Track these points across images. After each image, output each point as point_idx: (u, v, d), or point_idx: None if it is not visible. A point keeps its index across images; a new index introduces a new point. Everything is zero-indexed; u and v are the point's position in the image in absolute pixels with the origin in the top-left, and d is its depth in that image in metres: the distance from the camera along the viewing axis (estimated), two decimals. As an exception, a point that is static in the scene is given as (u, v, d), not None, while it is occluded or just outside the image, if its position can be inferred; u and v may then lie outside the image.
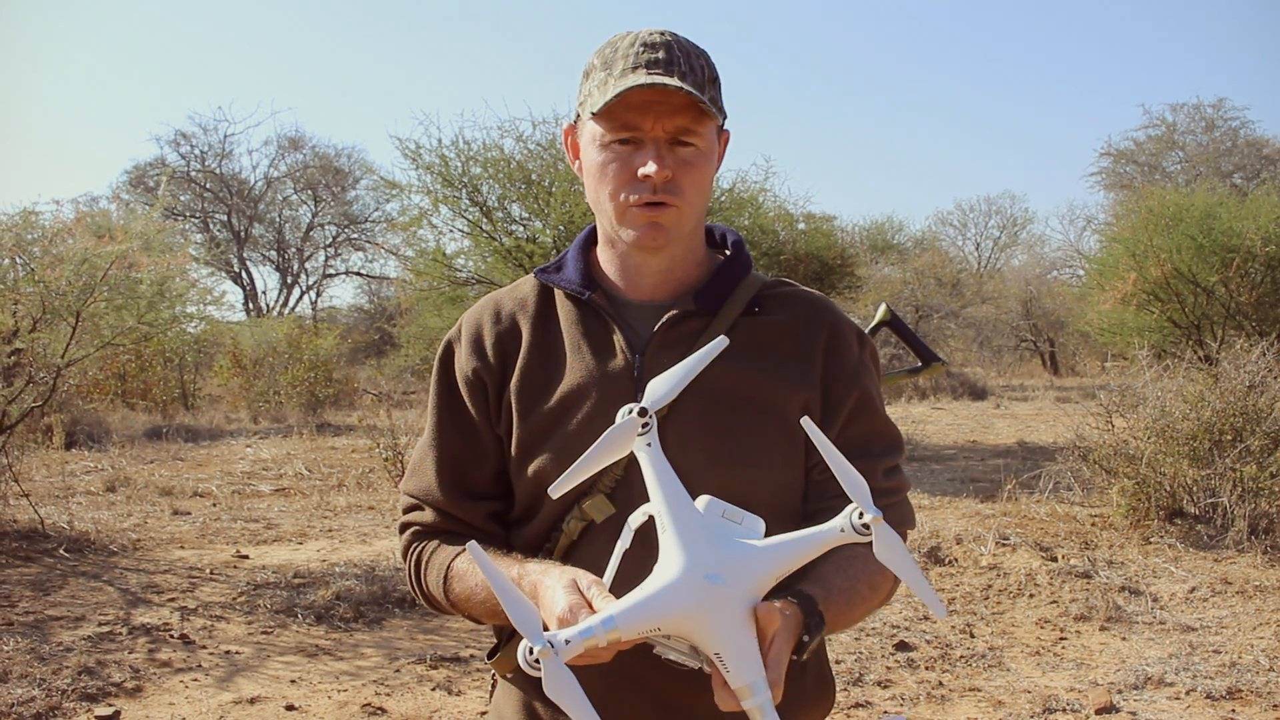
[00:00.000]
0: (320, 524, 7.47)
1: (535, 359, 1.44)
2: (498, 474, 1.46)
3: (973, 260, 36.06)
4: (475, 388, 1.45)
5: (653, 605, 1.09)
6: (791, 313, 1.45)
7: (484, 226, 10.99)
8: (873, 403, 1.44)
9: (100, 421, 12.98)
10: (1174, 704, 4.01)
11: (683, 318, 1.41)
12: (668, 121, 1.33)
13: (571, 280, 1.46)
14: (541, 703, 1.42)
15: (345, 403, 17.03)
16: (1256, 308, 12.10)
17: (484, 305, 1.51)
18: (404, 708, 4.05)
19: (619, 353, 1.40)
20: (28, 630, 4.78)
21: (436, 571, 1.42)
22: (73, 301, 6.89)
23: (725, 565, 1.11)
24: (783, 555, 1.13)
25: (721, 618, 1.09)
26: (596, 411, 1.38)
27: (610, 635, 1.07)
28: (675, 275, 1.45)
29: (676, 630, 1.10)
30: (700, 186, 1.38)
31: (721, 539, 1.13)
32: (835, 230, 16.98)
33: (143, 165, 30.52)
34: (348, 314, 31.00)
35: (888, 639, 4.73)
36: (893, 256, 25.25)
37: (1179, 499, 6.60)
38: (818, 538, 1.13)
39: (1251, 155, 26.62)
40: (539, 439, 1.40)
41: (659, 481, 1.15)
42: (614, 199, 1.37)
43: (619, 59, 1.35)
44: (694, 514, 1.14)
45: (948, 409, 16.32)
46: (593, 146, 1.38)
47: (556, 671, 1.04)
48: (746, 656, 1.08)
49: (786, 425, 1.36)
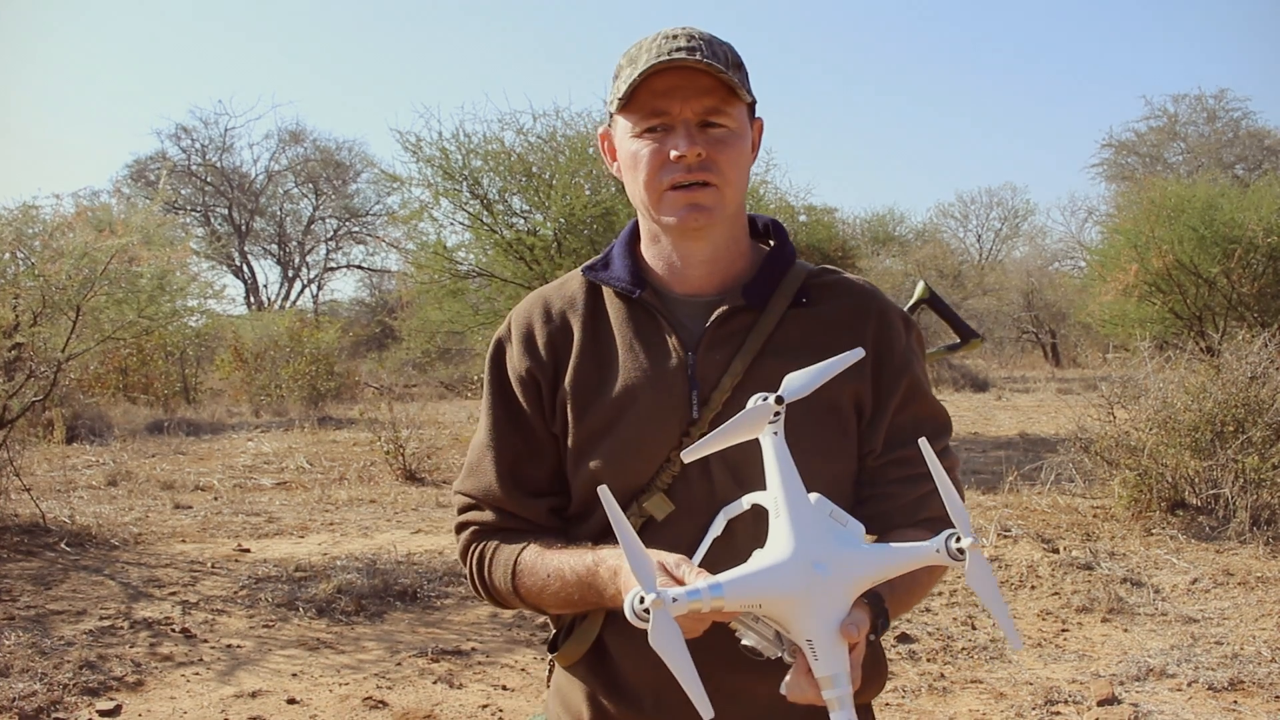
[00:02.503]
0: (322, 517, 7.48)
1: (588, 358, 1.44)
2: (555, 471, 1.46)
3: (974, 252, 36.04)
4: (529, 386, 1.46)
5: (761, 580, 1.11)
6: (838, 303, 1.46)
7: (485, 219, 10.97)
8: (921, 386, 1.46)
9: (101, 415, 12.98)
10: (1176, 695, 4.01)
11: (732, 313, 1.42)
12: (695, 103, 1.34)
13: (621, 278, 1.46)
14: (606, 694, 1.43)
15: (347, 396, 17.04)
16: (1258, 298, 12.09)
17: (533, 303, 1.51)
18: (405, 701, 4.05)
19: (672, 352, 1.41)
20: (29, 624, 4.79)
21: (503, 568, 1.43)
22: (73, 295, 6.89)
23: (832, 558, 1.14)
24: (882, 561, 1.17)
25: (821, 606, 1.12)
26: (652, 410, 1.39)
27: (715, 602, 1.08)
28: (721, 265, 1.45)
29: (776, 610, 1.12)
30: (739, 165, 1.38)
31: (829, 534, 1.17)
32: (836, 222, 16.97)
33: (143, 159, 30.59)
34: (349, 307, 31.01)
35: (889, 631, 4.73)
36: (894, 248, 25.27)
37: (1181, 490, 6.59)
38: (914, 553, 1.17)
39: (1253, 146, 26.58)
40: (595, 437, 1.41)
41: (780, 470, 1.19)
42: (649, 186, 1.37)
43: (643, 54, 1.36)
44: (808, 506, 1.18)
45: (949, 400, 16.31)
46: (626, 139, 1.39)
47: (665, 623, 1.04)
48: (836, 648, 1.12)
49: (839, 417, 1.39)
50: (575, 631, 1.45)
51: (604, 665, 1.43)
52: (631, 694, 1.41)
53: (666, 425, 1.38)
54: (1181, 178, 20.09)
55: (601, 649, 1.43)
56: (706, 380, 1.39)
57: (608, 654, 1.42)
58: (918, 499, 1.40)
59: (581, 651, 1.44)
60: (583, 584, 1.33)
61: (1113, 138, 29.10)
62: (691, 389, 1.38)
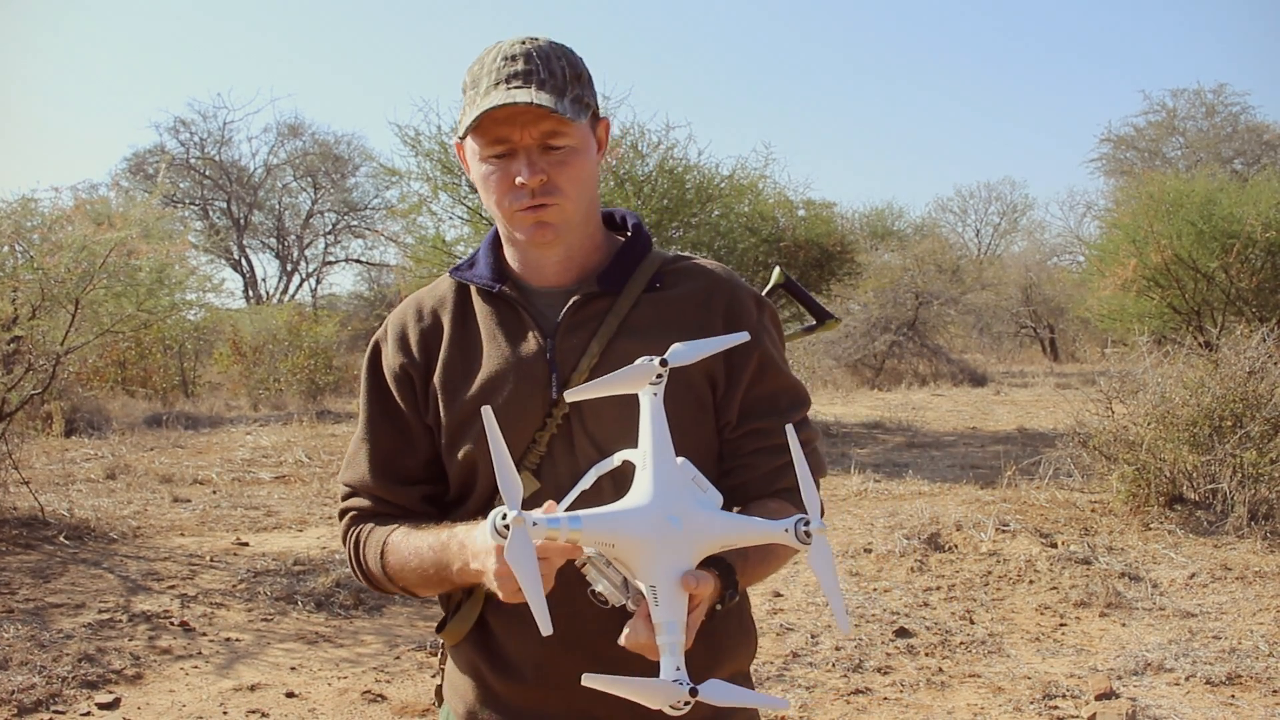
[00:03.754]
0: (320, 511, 7.48)
1: (455, 351, 1.53)
2: (429, 461, 1.55)
3: (973, 246, 36.04)
4: (403, 382, 1.54)
5: (618, 520, 1.18)
6: (690, 285, 1.53)
7: (483, 213, 10.97)
8: (774, 362, 1.53)
9: (100, 409, 12.98)
10: (1174, 690, 4.02)
11: (588, 299, 1.50)
12: (533, 129, 1.41)
13: (483, 275, 1.55)
14: (489, 668, 1.51)
15: (345, 390, 17.01)
16: (1257, 293, 12.10)
17: (406, 305, 1.61)
18: (404, 694, 4.05)
19: (531, 337, 1.49)
20: (28, 617, 4.79)
21: (374, 548, 1.51)
22: (72, 289, 6.88)
23: (686, 514, 1.21)
24: (732, 529, 1.24)
25: (669, 556, 1.18)
26: (516, 394, 1.47)
27: (572, 533, 1.14)
28: (576, 261, 1.53)
29: (627, 553, 1.18)
30: (579, 180, 1.45)
31: (688, 494, 1.24)
32: (835, 217, 16.88)
33: (142, 152, 30.41)
34: (347, 301, 30.88)
35: (887, 625, 4.74)
36: (893, 243, 25.18)
37: (1179, 485, 6.60)
38: (764, 528, 1.23)
39: (1252, 141, 26.55)
40: (465, 425, 1.49)
41: (653, 429, 1.25)
42: (500, 207, 1.46)
43: (484, 75, 1.43)
44: (674, 465, 1.25)
45: (948, 395, 16.32)
46: (475, 161, 1.47)
47: (522, 542, 1.10)
48: (676, 599, 1.17)
49: (693, 391, 1.47)
50: (460, 610, 1.54)
51: (487, 641, 1.52)
52: (513, 666, 1.49)
53: (530, 408, 1.46)
54: (1180, 172, 20.09)
55: (484, 626, 1.52)
56: (565, 363, 1.47)
57: (489, 630, 1.51)
58: (774, 470, 1.47)
59: (465, 629, 1.53)
60: (437, 559, 1.41)
61: (1111, 132, 29.07)
62: (552, 372, 1.47)
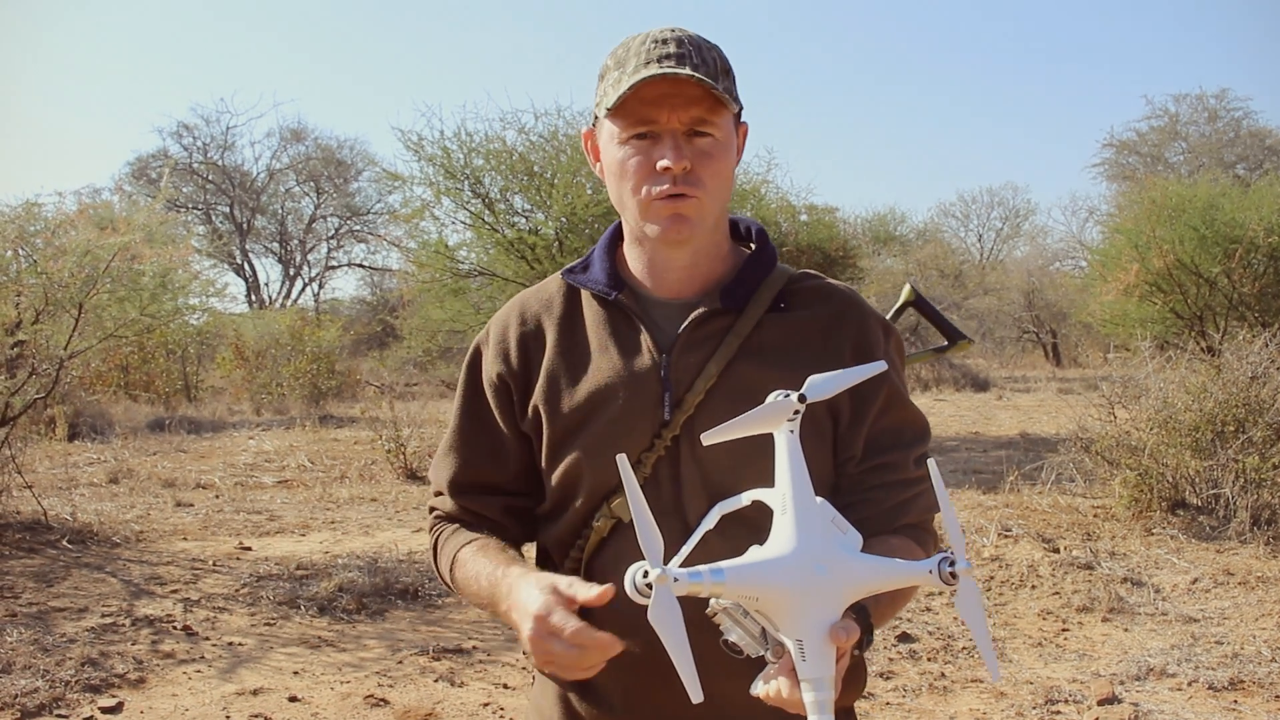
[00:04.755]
0: (323, 516, 7.48)
1: (561, 359, 1.45)
2: (520, 472, 1.49)
3: (975, 251, 36.04)
4: (500, 391, 1.48)
5: (763, 571, 1.10)
6: (818, 308, 1.45)
7: (486, 218, 10.99)
8: (900, 393, 1.45)
9: (103, 413, 12.99)
10: (1176, 695, 4.01)
11: (709, 316, 1.41)
12: (683, 113, 1.33)
13: (598, 280, 1.46)
14: (576, 694, 1.45)
15: (348, 395, 17.04)
16: (1259, 298, 12.09)
17: (510, 308, 1.53)
18: (407, 699, 4.05)
19: (646, 352, 1.41)
20: (31, 621, 4.79)
21: (446, 557, 1.47)
22: (75, 293, 6.89)
23: (833, 561, 1.13)
24: (878, 574, 1.16)
25: (816, 606, 1.11)
26: (625, 410, 1.39)
27: (715, 587, 1.08)
28: (701, 270, 1.45)
29: (772, 604, 1.11)
30: (721, 177, 1.38)
31: (832, 539, 1.16)
32: (837, 222, 16.88)
33: (145, 157, 30.57)
34: (350, 306, 30.97)
35: (890, 630, 4.73)
36: (895, 248, 25.22)
37: (1181, 490, 6.59)
38: (909, 570, 1.17)
39: (1254, 146, 26.57)
40: (568, 438, 1.42)
41: (791, 469, 1.17)
42: (636, 194, 1.37)
43: (631, 57, 1.35)
44: (815, 507, 1.17)
45: (950, 400, 16.32)
46: (612, 144, 1.38)
47: (666, 599, 1.04)
48: (824, 652, 1.10)
49: (814, 422, 1.36)
50: None
51: None
52: (601, 694, 1.42)
53: (638, 426, 1.38)
54: (1182, 177, 20.08)
55: None
56: (680, 382, 1.39)
57: None
58: (897, 505, 1.40)
59: None
60: (490, 593, 1.35)
61: (1114, 137, 29.12)
62: (665, 391, 1.38)
